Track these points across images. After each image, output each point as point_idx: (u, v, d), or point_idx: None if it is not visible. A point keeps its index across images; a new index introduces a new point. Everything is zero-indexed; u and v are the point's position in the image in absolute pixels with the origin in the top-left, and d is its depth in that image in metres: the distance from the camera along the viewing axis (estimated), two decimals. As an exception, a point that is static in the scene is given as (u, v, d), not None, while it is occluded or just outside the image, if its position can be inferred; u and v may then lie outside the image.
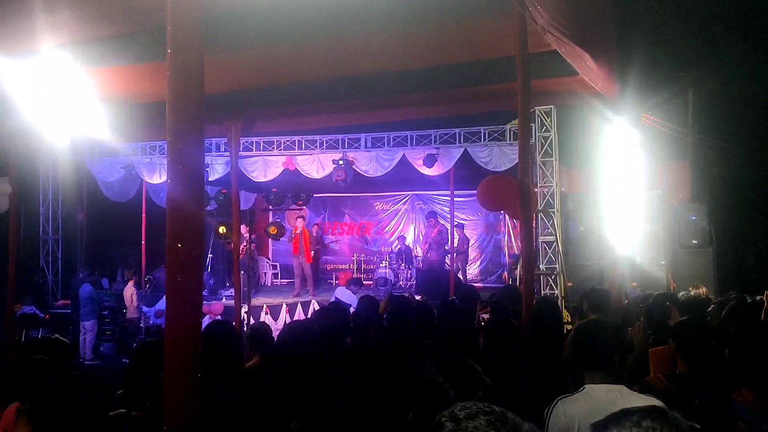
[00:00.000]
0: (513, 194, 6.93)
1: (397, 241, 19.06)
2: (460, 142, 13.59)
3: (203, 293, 2.62)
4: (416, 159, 13.95)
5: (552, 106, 12.32)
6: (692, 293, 8.39)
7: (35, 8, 5.19)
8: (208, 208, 14.85)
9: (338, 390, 4.13)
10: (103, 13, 5.62)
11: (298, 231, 16.06)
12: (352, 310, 11.02)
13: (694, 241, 11.95)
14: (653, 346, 4.96)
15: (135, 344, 8.26)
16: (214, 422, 3.52)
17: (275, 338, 5.05)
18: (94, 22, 5.76)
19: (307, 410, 3.59)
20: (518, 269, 12.15)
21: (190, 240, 2.61)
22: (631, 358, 4.43)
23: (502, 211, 16.02)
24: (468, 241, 17.91)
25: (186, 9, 2.59)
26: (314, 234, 17.51)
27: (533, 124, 12.22)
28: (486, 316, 6.90)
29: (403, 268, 17.81)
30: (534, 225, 11.54)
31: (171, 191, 2.60)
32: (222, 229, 12.74)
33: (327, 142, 14.32)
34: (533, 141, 12.19)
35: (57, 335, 5.27)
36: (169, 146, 2.61)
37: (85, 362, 13.36)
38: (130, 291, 13.97)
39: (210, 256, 17.39)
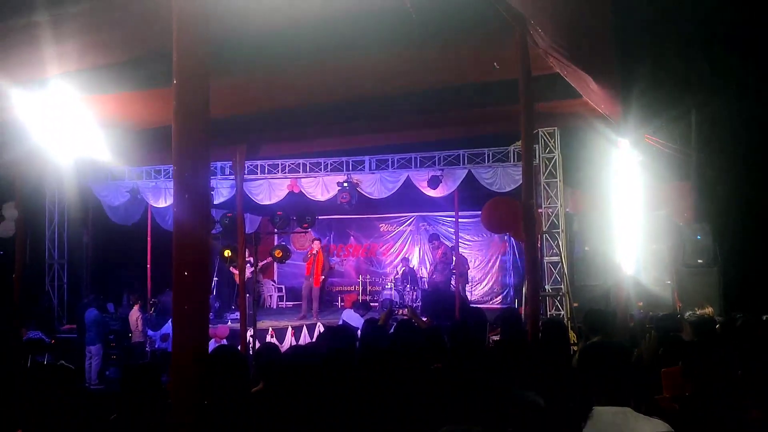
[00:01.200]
0: (517, 216, 6.93)
1: (401, 263, 19.04)
2: (464, 164, 13.64)
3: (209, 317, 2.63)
4: (420, 181, 14.00)
5: (555, 128, 12.36)
6: (698, 313, 8.36)
7: (42, 37, 5.24)
8: (213, 231, 14.88)
9: (344, 415, 4.13)
10: (109, 40, 5.68)
11: (314, 252, 16.04)
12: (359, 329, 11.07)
13: (699, 261, 11.91)
14: (664, 358, 4.91)
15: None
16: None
17: (282, 360, 5.02)
18: (100, 49, 5.83)
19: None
20: (523, 290, 12.13)
21: (197, 267, 2.63)
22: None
23: (504, 234, 16.04)
24: (466, 261, 17.86)
25: (192, 37, 2.63)
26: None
27: (537, 146, 12.26)
28: (496, 338, 6.90)
29: (408, 289, 17.78)
30: (539, 246, 11.54)
31: (177, 218, 2.62)
32: (227, 253, 12.75)
33: (331, 164, 14.39)
34: (537, 162, 12.23)
35: (62, 362, 5.27)
36: (175, 174, 2.63)
37: (91, 386, 13.31)
38: (135, 315, 13.95)
39: (215, 279, 17.40)
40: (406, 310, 13.34)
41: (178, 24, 2.65)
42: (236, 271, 15.25)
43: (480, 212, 17.15)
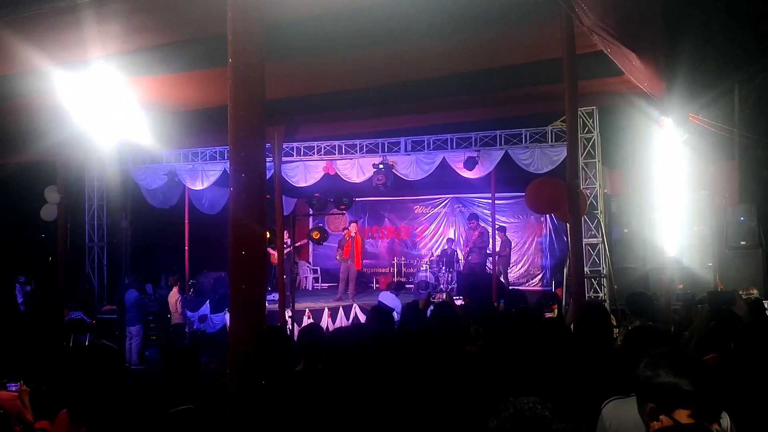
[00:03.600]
0: (562, 196, 6.87)
1: (446, 242, 18.96)
2: (500, 145, 13.50)
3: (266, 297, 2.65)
4: (456, 162, 13.89)
5: (594, 107, 12.19)
6: (743, 296, 8.23)
7: (87, 19, 5.27)
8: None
9: (383, 397, 4.13)
10: (156, 22, 5.70)
11: (351, 235, 16.06)
12: (395, 313, 11.08)
13: (743, 243, 11.70)
14: (716, 332, 4.80)
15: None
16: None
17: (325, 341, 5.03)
18: (147, 31, 5.85)
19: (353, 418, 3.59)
20: (564, 271, 12.04)
21: (253, 247, 2.63)
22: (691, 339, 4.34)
23: (547, 214, 15.91)
24: (510, 244, 17.75)
25: (247, 18, 2.61)
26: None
27: (577, 126, 12.11)
28: (551, 315, 6.88)
29: (443, 271, 17.73)
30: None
31: (234, 199, 2.62)
32: (266, 235, 12.83)
33: (367, 146, 14.32)
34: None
35: (104, 341, 5.34)
36: (232, 154, 2.63)
37: (132, 366, 13.52)
38: (174, 297, 14.09)
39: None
40: (444, 295, 13.34)
41: (233, 4, 2.63)
42: (274, 252, 15.35)
43: (516, 193, 17.21)
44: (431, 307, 7.38)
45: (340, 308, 14.58)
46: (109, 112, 8.06)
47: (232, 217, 2.60)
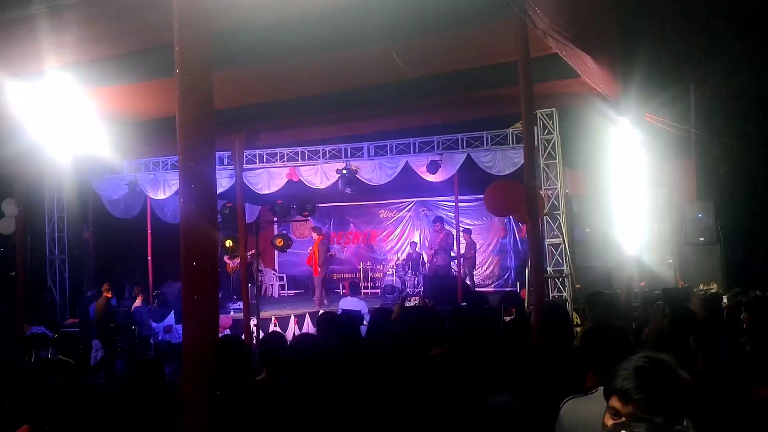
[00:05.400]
0: (520, 198, 6.93)
1: (408, 246, 19.04)
2: (462, 148, 13.60)
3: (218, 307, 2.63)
4: (419, 166, 13.96)
5: (554, 109, 12.32)
6: (703, 290, 8.37)
7: (42, 30, 5.21)
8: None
9: (351, 404, 4.12)
10: (109, 32, 5.64)
11: (314, 241, 16.22)
12: (363, 313, 11.06)
13: (701, 239, 11.93)
14: (672, 330, 4.87)
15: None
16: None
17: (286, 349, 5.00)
18: (101, 41, 5.79)
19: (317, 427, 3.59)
20: (526, 272, 12.12)
21: (205, 257, 2.61)
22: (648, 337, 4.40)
23: (509, 216, 16.03)
24: (475, 245, 17.88)
25: (194, 27, 2.59)
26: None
27: (536, 127, 12.21)
28: (510, 318, 6.92)
29: (410, 275, 17.79)
30: (540, 228, 11.51)
31: (184, 209, 2.60)
32: (228, 243, 12.75)
33: (330, 151, 14.35)
34: (536, 144, 12.18)
35: (60, 356, 5.27)
36: (181, 165, 2.60)
37: (97, 379, 13.34)
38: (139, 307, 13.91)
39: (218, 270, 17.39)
40: (418, 299, 13.37)
41: (179, 14, 2.61)
42: (229, 261, 15.32)
43: (480, 196, 17.33)
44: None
45: (307, 315, 14.54)
46: (66, 123, 7.97)
47: (183, 228, 2.58)
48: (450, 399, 4.04)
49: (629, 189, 9.45)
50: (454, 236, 16.09)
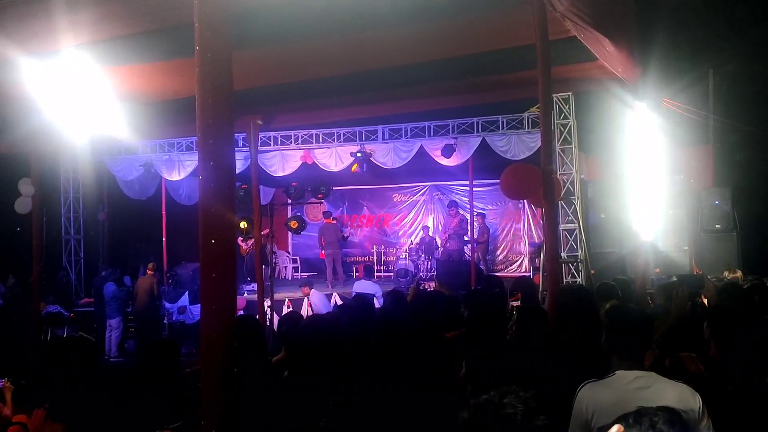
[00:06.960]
0: (536, 182, 6.89)
1: (422, 230, 19.04)
2: (478, 132, 13.51)
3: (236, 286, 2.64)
4: (434, 149, 13.89)
5: (570, 93, 12.23)
6: (728, 277, 8.29)
7: (58, 8, 5.20)
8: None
9: (366, 384, 4.14)
10: (125, 11, 5.63)
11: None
12: (377, 296, 11.08)
13: (717, 226, 11.84)
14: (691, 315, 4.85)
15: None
16: (243, 418, 3.53)
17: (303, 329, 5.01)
18: (117, 20, 5.78)
19: (336, 406, 3.59)
20: (540, 257, 12.08)
21: (223, 236, 2.62)
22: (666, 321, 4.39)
23: (524, 200, 15.98)
24: (488, 230, 17.84)
25: (214, 6, 2.59)
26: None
27: (552, 111, 12.14)
28: (516, 303, 6.90)
29: (423, 259, 17.79)
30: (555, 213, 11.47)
31: (203, 188, 2.60)
32: (243, 225, 12.77)
33: (344, 134, 14.29)
34: (552, 128, 12.11)
35: (81, 333, 5.28)
36: (200, 144, 2.61)
37: (111, 359, 13.46)
38: (149, 281, 13.86)
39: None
40: (434, 283, 13.37)
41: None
42: (242, 243, 15.37)
43: (494, 180, 17.28)
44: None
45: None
46: (82, 103, 7.98)
47: (202, 206, 2.59)
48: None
49: (645, 175, 9.41)
50: (468, 221, 16.06)
